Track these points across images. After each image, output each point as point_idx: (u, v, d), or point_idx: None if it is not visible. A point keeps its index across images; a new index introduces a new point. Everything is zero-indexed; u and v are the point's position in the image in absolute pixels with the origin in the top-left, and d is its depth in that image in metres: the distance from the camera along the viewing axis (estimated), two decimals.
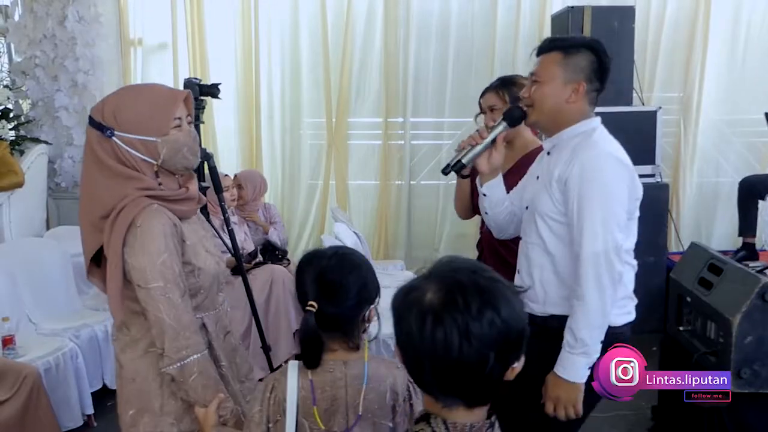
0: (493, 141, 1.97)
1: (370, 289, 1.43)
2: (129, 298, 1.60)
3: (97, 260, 1.63)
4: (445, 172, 2.01)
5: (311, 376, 1.41)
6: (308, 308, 1.37)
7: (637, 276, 1.95)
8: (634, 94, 4.45)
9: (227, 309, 1.83)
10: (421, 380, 1.02)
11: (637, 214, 1.87)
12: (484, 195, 2.07)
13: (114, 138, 1.58)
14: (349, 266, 1.42)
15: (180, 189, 1.67)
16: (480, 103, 2.42)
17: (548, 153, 1.94)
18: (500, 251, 2.41)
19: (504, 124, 1.97)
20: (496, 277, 1.01)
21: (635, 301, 1.91)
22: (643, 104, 4.51)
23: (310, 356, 1.40)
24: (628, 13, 4.33)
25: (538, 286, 1.88)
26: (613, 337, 1.78)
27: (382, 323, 1.43)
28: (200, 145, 2.70)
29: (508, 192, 2.16)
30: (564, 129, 1.88)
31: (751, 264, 3.11)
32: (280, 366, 1.69)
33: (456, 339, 0.94)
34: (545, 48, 1.92)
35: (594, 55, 1.86)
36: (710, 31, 4.94)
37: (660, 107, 4.36)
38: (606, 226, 1.75)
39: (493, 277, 1.00)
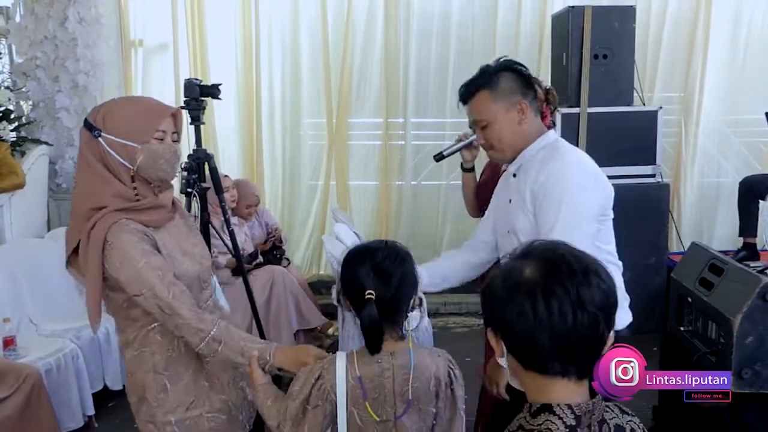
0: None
1: (415, 279, 1.55)
2: (119, 305, 1.70)
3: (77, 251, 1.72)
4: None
5: (359, 371, 1.50)
6: (368, 296, 1.46)
7: (638, 276, 1.95)
8: (635, 94, 4.44)
9: (216, 301, 1.89)
10: (536, 360, 1.04)
11: (611, 215, 1.90)
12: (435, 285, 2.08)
13: (99, 139, 1.66)
14: (401, 256, 1.54)
15: (149, 198, 1.71)
16: None
17: (514, 175, 1.97)
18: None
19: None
20: (578, 249, 1.07)
21: (628, 299, 1.94)
22: (643, 104, 4.50)
23: (374, 343, 1.48)
24: (629, 13, 4.33)
25: None
26: (616, 341, 1.79)
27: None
28: (201, 146, 2.72)
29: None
30: (526, 149, 1.92)
31: (752, 264, 3.11)
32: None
33: (569, 306, 0.99)
34: (468, 94, 1.96)
35: (512, 72, 1.91)
36: (711, 30, 4.94)
37: (660, 107, 4.36)
38: (567, 236, 1.73)
39: (576, 249, 1.07)
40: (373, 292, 1.46)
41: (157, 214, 1.72)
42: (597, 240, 1.85)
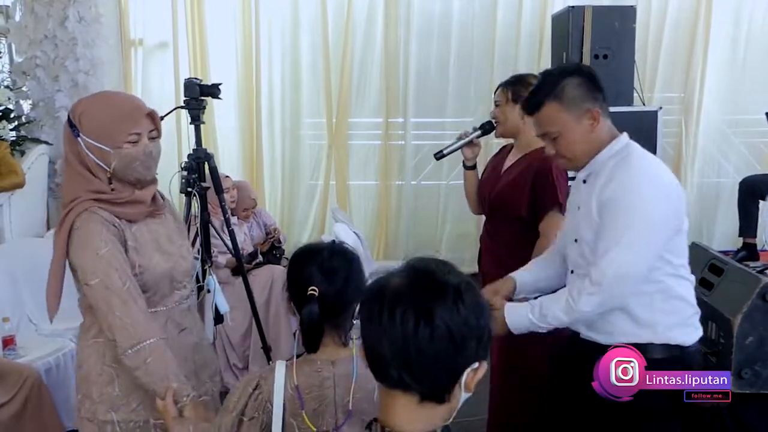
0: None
1: (362, 282, 1.49)
2: (82, 293, 1.70)
3: None
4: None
5: (297, 380, 1.43)
6: (310, 293, 1.41)
7: None
8: (635, 94, 4.44)
9: (189, 307, 1.86)
10: (377, 367, 1.01)
11: (685, 227, 1.81)
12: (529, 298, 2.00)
13: (78, 138, 1.68)
14: (347, 257, 1.50)
15: (125, 192, 1.71)
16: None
17: (584, 181, 1.88)
18: (500, 253, 2.45)
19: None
20: (458, 271, 1.03)
21: (699, 314, 1.86)
22: (643, 104, 4.50)
23: (312, 342, 1.44)
24: (629, 12, 4.33)
25: (599, 318, 1.79)
26: (692, 357, 1.79)
27: None
28: (200, 145, 2.71)
29: (505, 191, 2.31)
30: (596, 155, 1.83)
31: (752, 264, 3.11)
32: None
33: (413, 315, 0.96)
34: (534, 105, 1.84)
35: (578, 77, 1.81)
36: (711, 30, 4.95)
37: (660, 107, 4.35)
38: (633, 250, 1.70)
39: (455, 270, 1.02)
40: (316, 289, 1.42)
41: (133, 208, 1.72)
42: (669, 253, 1.76)
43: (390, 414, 1.03)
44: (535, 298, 1.91)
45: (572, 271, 1.90)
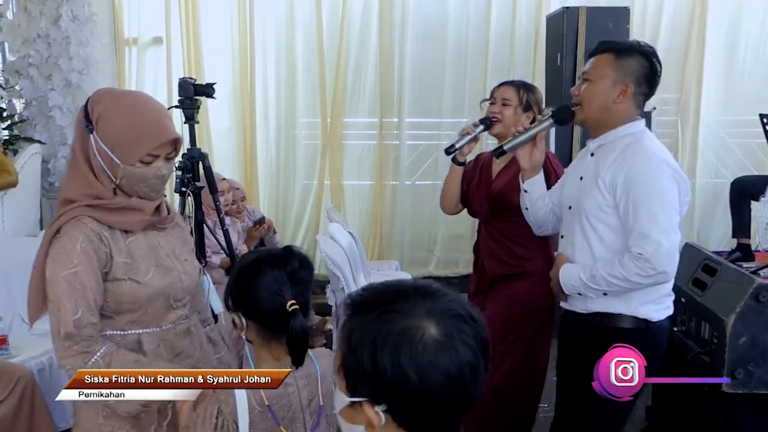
0: (533, 137, 2.07)
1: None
2: None
3: None
4: (495, 155, 2.15)
5: (265, 396, 1.37)
6: (293, 308, 1.35)
7: None
8: None
9: (189, 329, 1.70)
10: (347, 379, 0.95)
11: (683, 213, 1.94)
12: (525, 191, 2.16)
13: (90, 136, 1.56)
14: (305, 261, 1.45)
15: (120, 199, 1.59)
16: (492, 92, 2.55)
17: (592, 154, 1.99)
18: (506, 253, 2.47)
19: (551, 121, 2.05)
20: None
21: (673, 296, 2.03)
22: None
23: (301, 355, 1.39)
24: (623, 13, 4.34)
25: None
26: (656, 330, 1.94)
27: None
28: (195, 145, 2.71)
29: (499, 199, 2.24)
30: (610, 130, 1.94)
31: (746, 265, 3.12)
32: None
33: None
34: (598, 49, 1.97)
35: (646, 61, 1.92)
36: (707, 32, 4.97)
37: (654, 108, 4.37)
38: (666, 232, 1.83)
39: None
40: (296, 303, 1.36)
41: (129, 216, 1.59)
42: None
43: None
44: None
45: (562, 236, 2.07)
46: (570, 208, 2.03)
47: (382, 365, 0.87)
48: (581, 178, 1.99)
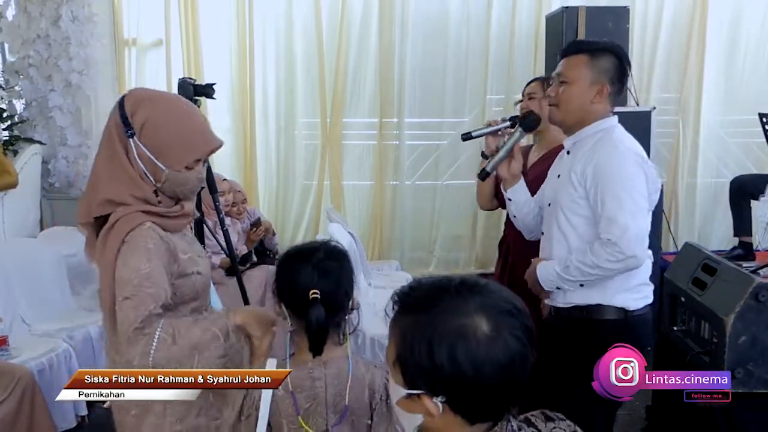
0: (510, 150, 2.12)
1: (353, 278, 1.51)
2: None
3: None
4: (480, 177, 2.23)
5: (290, 382, 1.42)
6: (313, 296, 1.40)
7: None
8: (629, 95, 4.45)
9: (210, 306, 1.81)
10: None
11: (652, 208, 1.97)
12: (510, 200, 2.20)
13: (131, 141, 1.56)
14: (340, 254, 1.51)
15: (175, 206, 1.65)
16: (522, 91, 2.62)
17: (568, 152, 2.05)
18: (529, 252, 2.44)
19: (520, 131, 2.12)
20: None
21: (651, 286, 2.04)
22: (637, 105, 4.51)
23: (319, 345, 1.43)
24: (623, 13, 4.34)
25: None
26: (635, 320, 1.96)
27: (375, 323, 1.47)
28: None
29: (532, 188, 2.26)
30: (584, 127, 1.98)
31: (746, 264, 3.12)
32: None
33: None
34: (572, 50, 2.02)
35: (617, 60, 1.97)
36: (707, 31, 4.97)
37: (654, 107, 4.37)
38: (633, 215, 1.85)
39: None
40: (318, 292, 1.41)
41: (180, 221, 1.66)
42: None
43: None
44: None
45: (543, 233, 2.11)
46: (549, 205, 2.09)
47: (440, 362, 0.93)
48: (558, 176, 2.05)
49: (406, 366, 0.97)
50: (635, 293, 1.99)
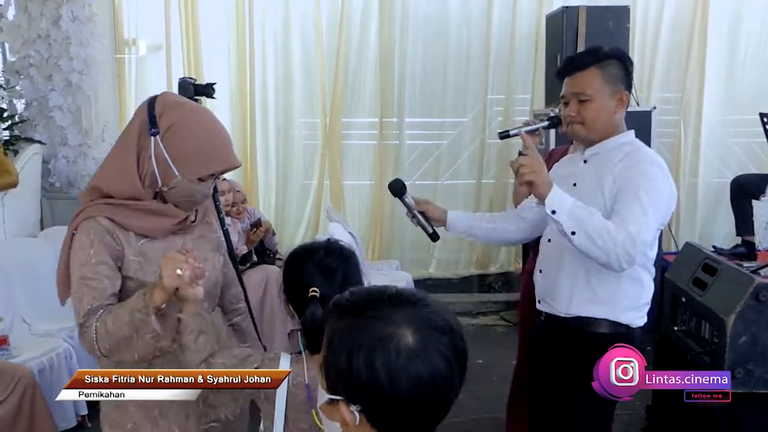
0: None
1: (360, 278, 1.51)
2: None
3: None
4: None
5: (307, 378, 1.42)
6: (312, 294, 1.41)
7: None
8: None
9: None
10: None
11: (664, 225, 1.94)
12: (449, 230, 2.12)
13: (152, 139, 1.55)
14: (344, 254, 1.51)
15: (161, 204, 1.61)
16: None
17: (585, 161, 1.98)
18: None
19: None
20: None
21: (650, 304, 2.00)
22: (638, 104, 4.51)
23: (315, 342, 1.40)
24: (623, 13, 4.34)
25: (566, 288, 1.95)
26: (630, 335, 1.90)
27: None
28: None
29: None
30: (606, 139, 1.93)
31: (746, 264, 3.12)
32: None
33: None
34: (577, 66, 1.94)
35: (622, 63, 1.93)
36: (708, 31, 4.97)
37: (655, 107, 4.37)
38: (648, 229, 1.79)
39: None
40: (317, 290, 1.42)
41: (152, 221, 1.58)
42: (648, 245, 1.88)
43: None
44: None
45: (549, 240, 2.02)
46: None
47: (357, 367, 0.91)
48: (574, 185, 1.96)
49: (328, 370, 0.95)
50: (640, 312, 1.96)
